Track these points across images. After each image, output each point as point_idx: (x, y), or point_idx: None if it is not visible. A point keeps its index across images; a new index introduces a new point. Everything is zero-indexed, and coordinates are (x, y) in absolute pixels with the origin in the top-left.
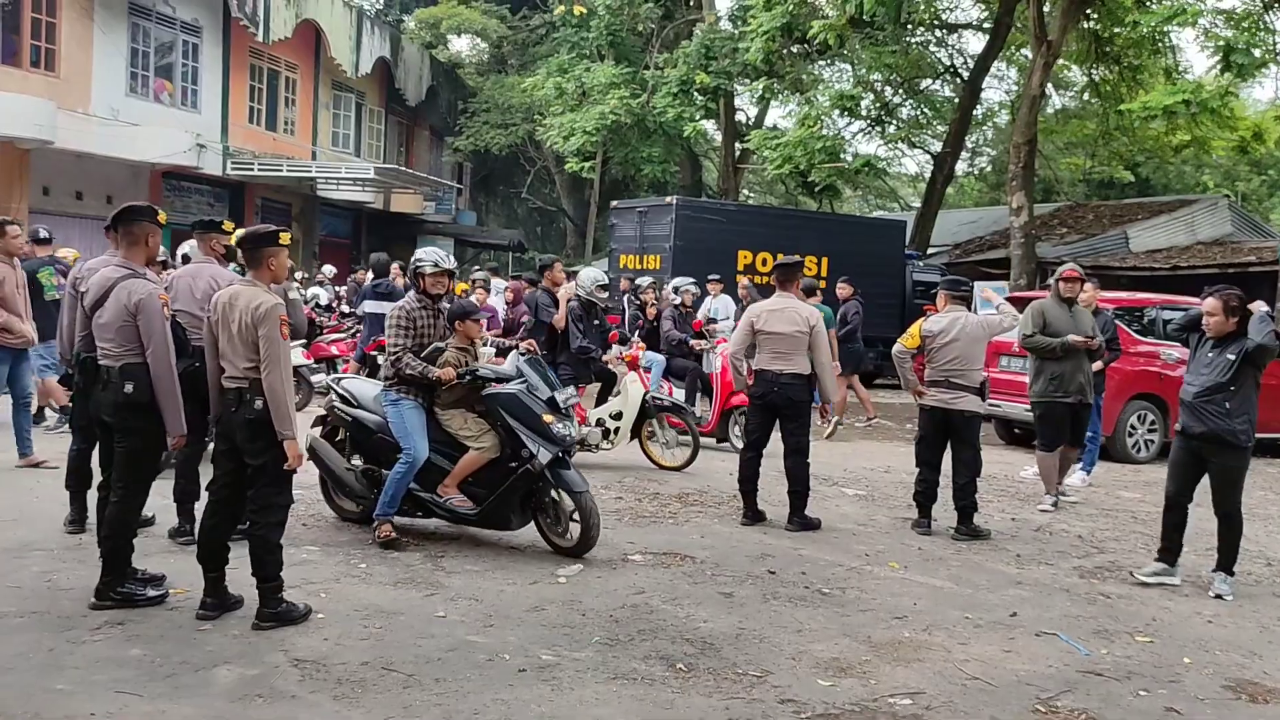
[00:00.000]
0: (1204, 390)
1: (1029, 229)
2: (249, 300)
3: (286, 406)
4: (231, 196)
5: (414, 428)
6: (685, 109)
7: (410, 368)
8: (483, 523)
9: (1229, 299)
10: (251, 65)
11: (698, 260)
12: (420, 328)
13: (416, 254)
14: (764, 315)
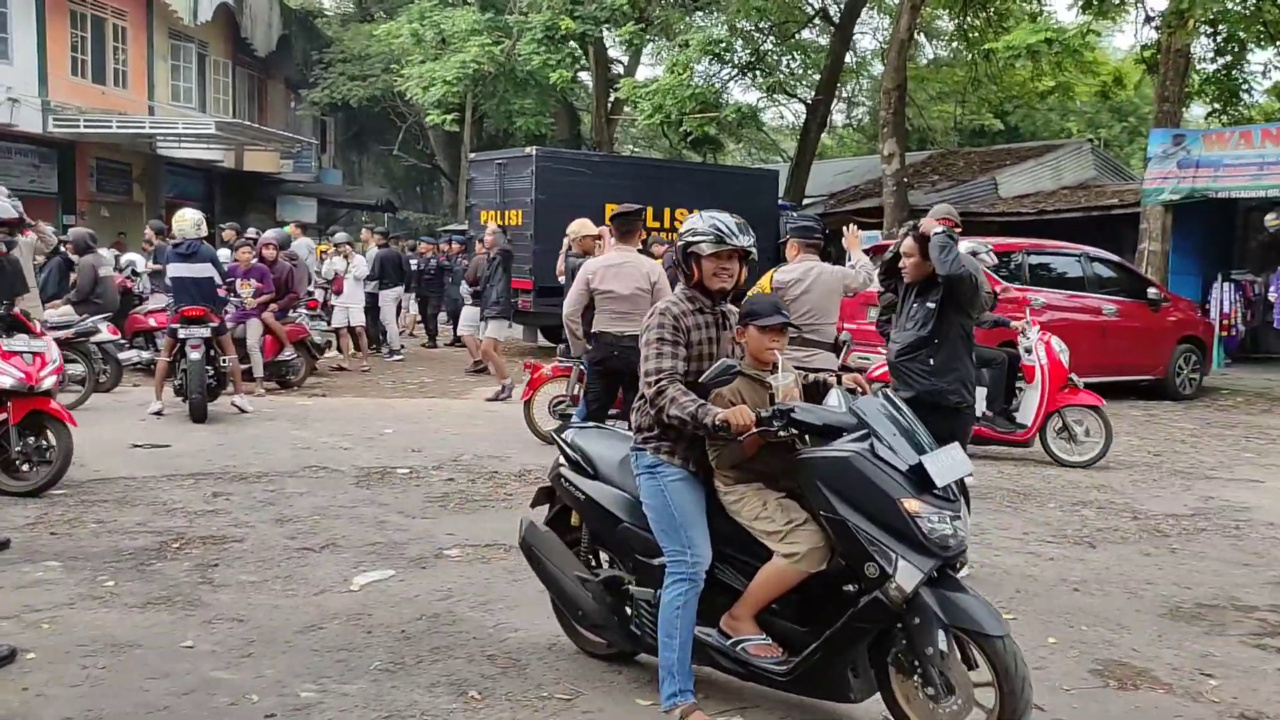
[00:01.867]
0: (905, 347)
1: (901, 176)
2: None
3: None
4: (59, 157)
5: (685, 514)
6: (551, 56)
7: (681, 407)
8: (800, 686)
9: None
10: (72, 11)
11: (561, 214)
12: (698, 342)
13: (689, 222)
14: (601, 273)
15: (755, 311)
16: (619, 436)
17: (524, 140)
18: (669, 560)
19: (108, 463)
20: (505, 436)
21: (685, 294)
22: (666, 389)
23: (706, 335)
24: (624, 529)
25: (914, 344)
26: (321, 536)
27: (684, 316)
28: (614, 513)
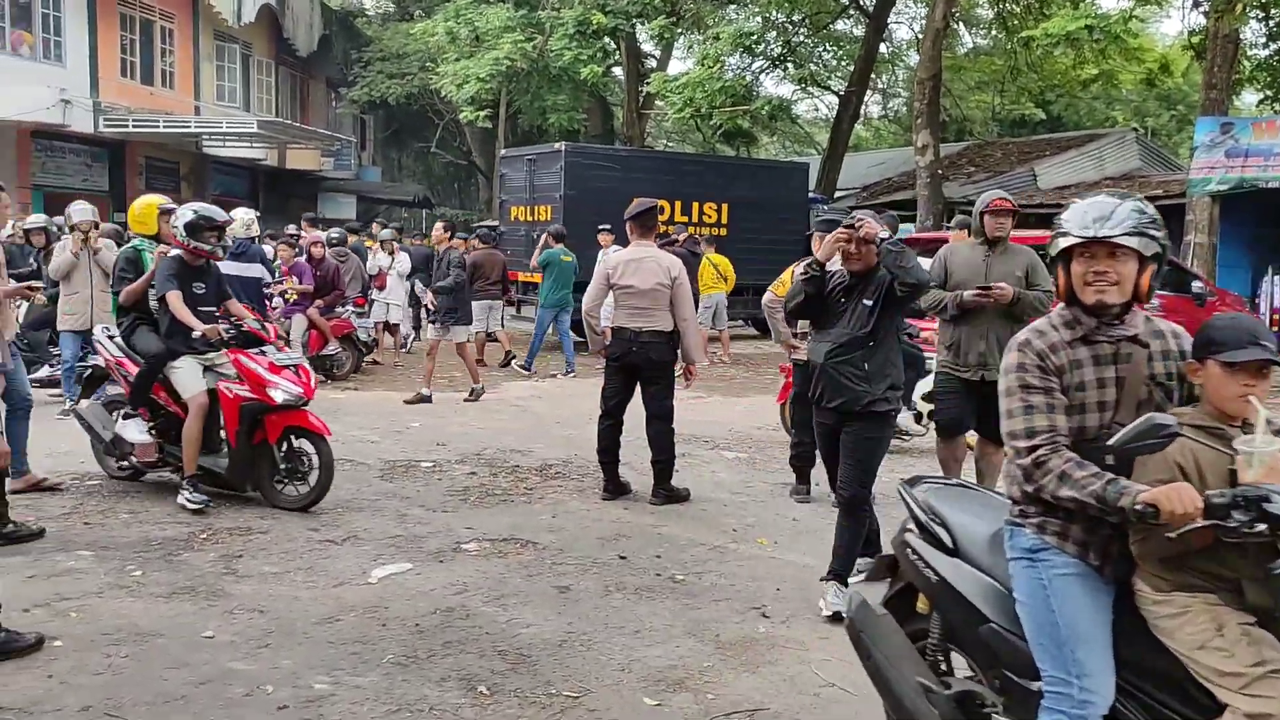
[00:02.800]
0: (838, 347)
1: (935, 168)
2: None
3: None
4: (110, 156)
5: (1077, 627)
6: (583, 52)
7: (1078, 486)
8: None
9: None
10: (121, 14)
11: (591, 210)
12: (1078, 387)
13: (1068, 211)
14: (620, 267)
15: (1218, 340)
16: (989, 501)
17: (557, 136)
18: (1047, 689)
19: None
20: (529, 431)
21: (1061, 316)
22: (1048, 461)
23: (1095, 377)
24: (990, 630)
25: (848, 344)
26: (343, 529)
27: (1054, 351)
28: (978, 606)
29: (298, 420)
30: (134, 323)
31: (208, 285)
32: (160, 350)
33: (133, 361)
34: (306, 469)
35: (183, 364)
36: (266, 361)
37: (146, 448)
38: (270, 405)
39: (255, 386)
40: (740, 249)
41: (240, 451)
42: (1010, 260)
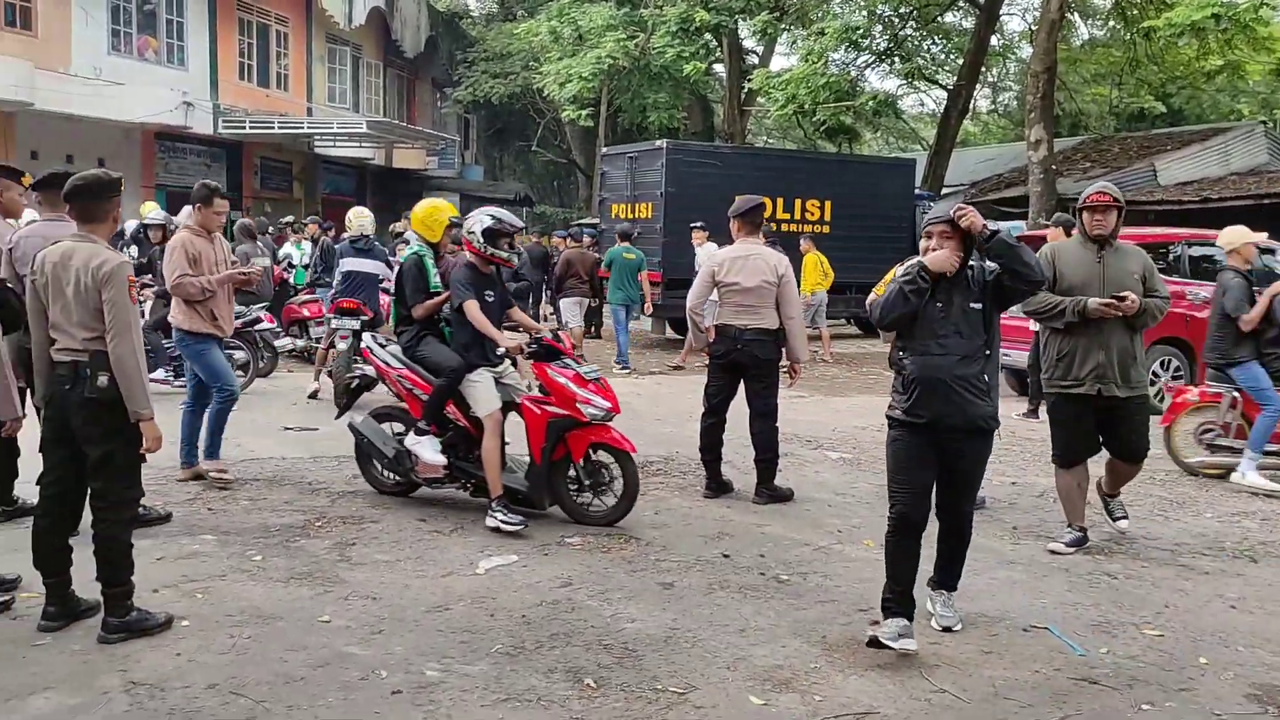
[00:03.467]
0: (961, 359)
1: (1049, 164)
2: (87, 259)
3: (141, 381)
4: (228, 156)
5: None
6: (685, 49)
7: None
8: None
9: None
10: (240, 19)
11: (692, 207)
12: None
13: None
14: (727, 264)
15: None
16: None
17: (657, 134)
18: None
19: (261, 443)
20: (630, 428)
21: None
22: None
23: None
24: None
25: (967, 355)
26: (451, 520)
27: None
28: None
29: (603, 436)
30: (419, 333)
31: (496, 294)
32: (458, 364)
33: (414, 373)
34: (607, 481)
35: (479, 378)
36: (572, 374)
37: (434, 466)
38: (580, 421)
39: (564, 401)
40: (843, 247)
41: (543, 468)
42: (1125, 261)
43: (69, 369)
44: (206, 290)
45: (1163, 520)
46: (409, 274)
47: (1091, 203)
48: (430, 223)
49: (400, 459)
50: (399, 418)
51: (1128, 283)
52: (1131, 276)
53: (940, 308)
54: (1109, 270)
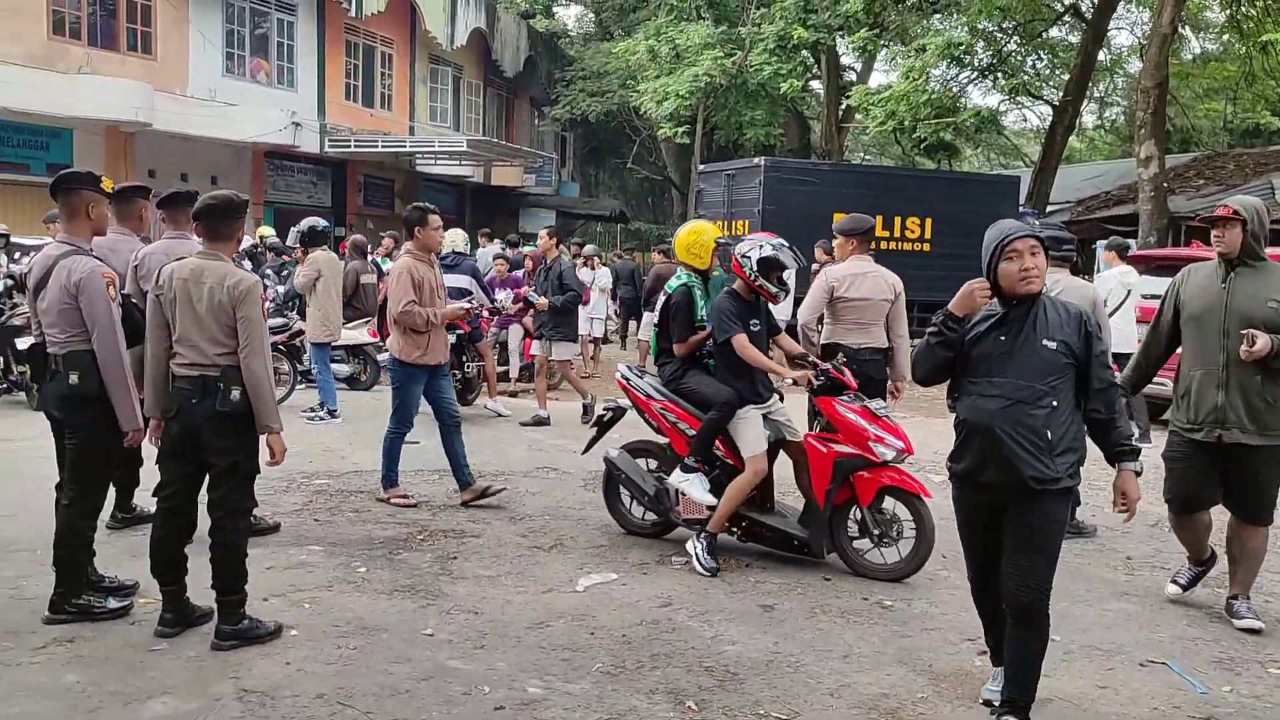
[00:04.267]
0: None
1: (1159, 181)
2: (221, 276)
3: (271, 396)
4: (333, 174)
5: None
6: (782, 66)
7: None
8: None
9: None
10: (347, 41)
11: (789, 224)
12: None
13: None
14: (846, 280)
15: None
16: None
17: (753, 151)
18: None
19: (365, 456)
20: None
21: None
22: None
23: None
24: None
25: (1024, 401)
26: (550, 536)
27: None
28: None
29: (895, 479)
30: (683, 365)
31: (761, 321)
32: (730, 396)
33: (678, 405)
34: (896, 533)
35: (748, 414)
36: (860, 409)
37: (701, 506)
38: (872, 461)
39: (853, 439)
40: (944, 265)
41: (825, 512)
42: (1259, 285)
43: (195, 383)
44: (430, 323)
45: None
46: (678, 308)
47: (1210, 216)
48: (696, 249)
49: (660, 497)
50: (654, 454)
51: (1258, 311)
52: (1265, 304)
53: (1004, 341)
54: (1235, 296)
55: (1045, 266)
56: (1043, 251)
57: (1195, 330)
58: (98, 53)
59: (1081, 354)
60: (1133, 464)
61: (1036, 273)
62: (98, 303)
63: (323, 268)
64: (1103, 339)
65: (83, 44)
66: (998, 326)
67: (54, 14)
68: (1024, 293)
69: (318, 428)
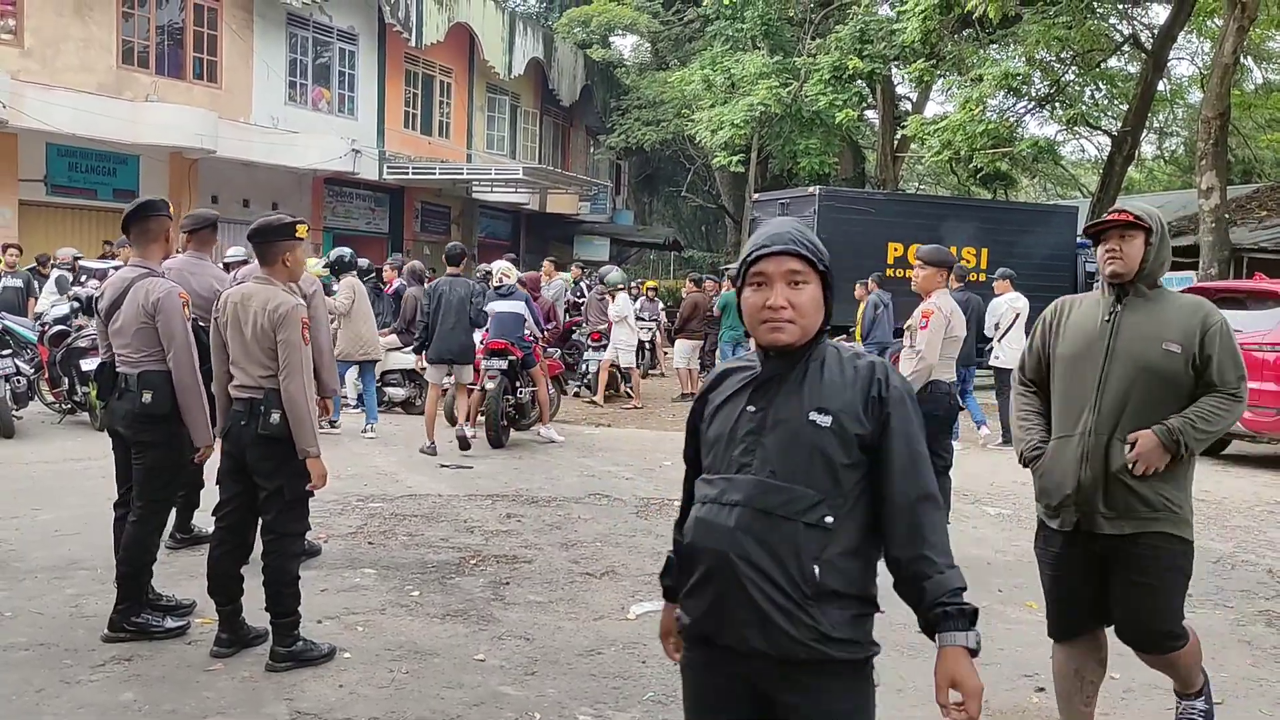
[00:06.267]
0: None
1: (1220, 212)
2: (264, 301)
3: (310, 420)
4: (391, 201)
5: None
6: (838, 96)
7: None
8: None
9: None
10: (407, 70)
11: (845, 254)
12: None
13: None
14: (955, 316)
15: None
16: None
17: (807, 180)
18: None
19: (419, 480)
20: None
21: None
22: None
23: None
24: None
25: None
26: (602, 563)
27: None
28: None
29: None
30: None
31: None
32: None
33: None
34: None
35: None
36: None
37: None
38: None
39: None
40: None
41: None
42: (1156, 322)
43: (245, 405)
44: None
45: None
46: None
47: (1102, 224)
48: None
49: None
50: None
51: (1149, 354)
52: (1159, 346)
53: (753, 414)
54: (1121, 334)
55: (817, 302)
56: (816, 281)
57: (1064, 376)
58: (165, 81)
59: (872, 437)
60: (963, 636)
61: (790, 315)
62: (175, 321)
63: (354, 292)
64: (914, 416)
65: (150, 72)
66: (748, 391)
67: (124, 44)
68: (768, 343)
69: (371, 450)
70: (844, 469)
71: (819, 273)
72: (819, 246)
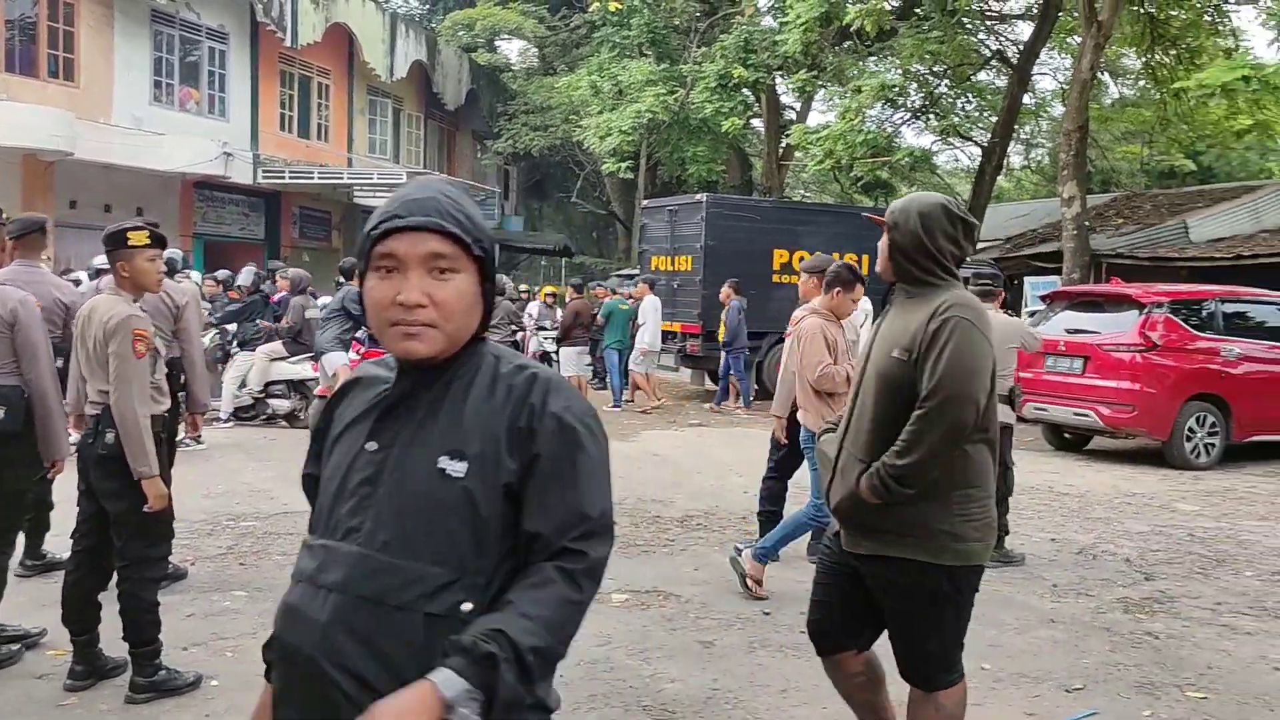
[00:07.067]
0: None
1: (1082, 220)
2: (104, 313)
3: (141, 438)
4: (267, 206)
5: None
6: (724, 105)
7: None
8: None
9: None
10: (282, 71)
11: (731, 260)
12: None
13: None
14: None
15: None
16: None
17: (696, 187)
18: None
19: (296, 496)
20: (670, 481)
21: None
22: None
23: None
24: None
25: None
26: None
27: None
28: None
29: None
30: None
31: None
32: None
33: None
34: None
35: None
36: None
37: None
38: None
39: None
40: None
41: None
42: (903, 320)
43: (91, 422)
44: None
45: (1203, 579)
46: None
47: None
48: None
49: None
50: None
51: (882, 364)
52: (890, 354)
53: (372, 455)
54: (878, 339)
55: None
56: (471, 269)
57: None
58: (16, 79)
59: (519, 486)
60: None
61: (430, 316)
62: (35, 332)
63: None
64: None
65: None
66: (371, 419)
67: None
68: (400, 354)
69: (244, 466)
70: (489, 534)
71: (474, 258)
72: (475, 220)
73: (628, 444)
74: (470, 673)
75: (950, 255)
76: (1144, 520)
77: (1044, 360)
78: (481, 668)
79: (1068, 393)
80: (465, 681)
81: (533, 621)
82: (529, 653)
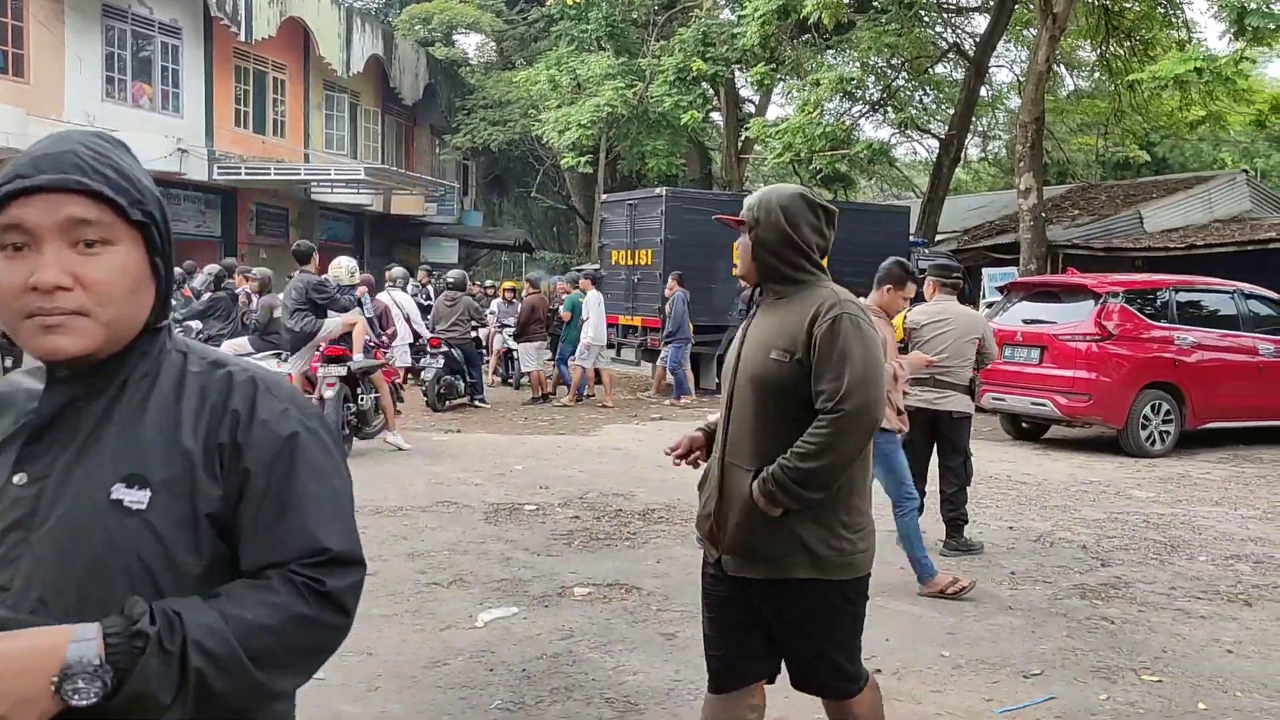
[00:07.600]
0: None
1: (1038, 211)
2: None
3: None
4: (223, 202)
5: None
6: (682, 98)
7: None
8: None
9: None
10: (236, 66)
11: (691, 254)
12: None
13: None
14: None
15: None
16: None
17: (656, 180)
18: None
19: None
20: (631, 475)
21: None
22: None
23: None
24: None
25: None
26: (450, 572)
27: None
28: None
29: None
30: None
31: None
32: None
33: None
34: None
35: None
36: None
37: None
38: None
39: None
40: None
41: None
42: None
43: None
44: (904, 379)
45: (1158, 564)
46: None
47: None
48: None
49: None
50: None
51: (758, 367)
52: (767, 356)
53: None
54: (745, 347)
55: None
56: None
57: None
58: None
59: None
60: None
61: (79, 303)
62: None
63: None
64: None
65: None
66: (18, 444)
67: None
68: (42, 354)
69: None
70: (186, 580)
71: (136, 225)
72: (131, 176)
73: (589, 438)
74: (115, 643)
75: (816, 246)
76: (1100, 507)
77: (1002, 351)
78: (127, 644)
79: (1025, 382)
80: (101, 651)
81: (228, 624)
82: (197, 655)
